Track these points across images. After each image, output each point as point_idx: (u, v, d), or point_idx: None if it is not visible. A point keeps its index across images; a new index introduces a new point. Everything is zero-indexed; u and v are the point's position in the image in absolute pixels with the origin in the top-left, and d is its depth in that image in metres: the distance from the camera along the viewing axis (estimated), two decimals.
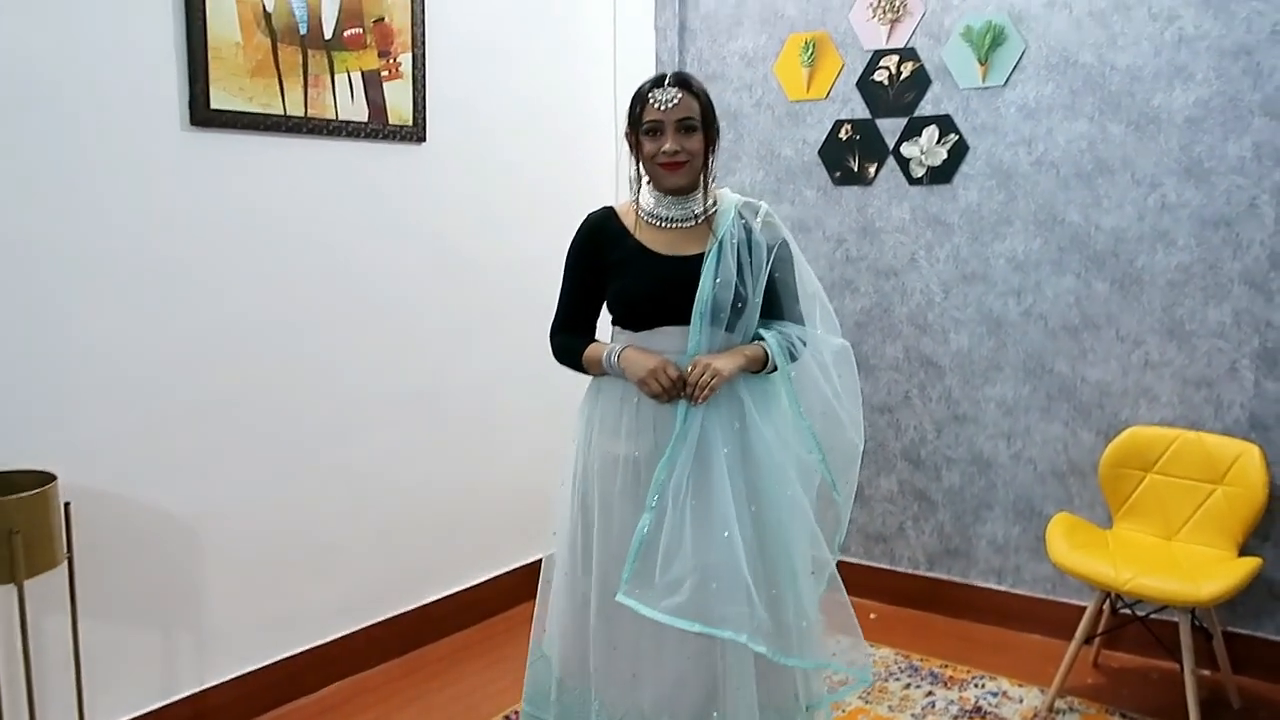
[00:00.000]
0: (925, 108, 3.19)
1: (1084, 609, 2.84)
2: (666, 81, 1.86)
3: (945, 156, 3.17)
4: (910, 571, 3.38)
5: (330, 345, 2.77)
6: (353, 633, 2.88)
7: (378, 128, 2.84)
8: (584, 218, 2.05)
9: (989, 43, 3.05)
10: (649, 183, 1.95)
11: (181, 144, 2.39)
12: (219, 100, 2.44)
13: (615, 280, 1.94)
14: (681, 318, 1.87)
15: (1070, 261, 3.01)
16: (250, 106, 2.51)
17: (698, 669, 1.85)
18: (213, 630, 2.55)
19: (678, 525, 1.79)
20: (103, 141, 2.24)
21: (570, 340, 2.02)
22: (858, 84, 3.30)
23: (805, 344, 1.97)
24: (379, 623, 2.96)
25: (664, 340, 1.89)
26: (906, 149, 3.23)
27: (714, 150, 1.93)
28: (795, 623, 1.85)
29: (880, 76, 3.26)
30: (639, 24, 3.66)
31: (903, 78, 3.22)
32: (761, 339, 1.92)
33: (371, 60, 2.80)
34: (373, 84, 2.82)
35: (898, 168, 3.26)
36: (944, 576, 3.32)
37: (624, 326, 1.96)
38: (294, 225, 2.65)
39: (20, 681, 2.06)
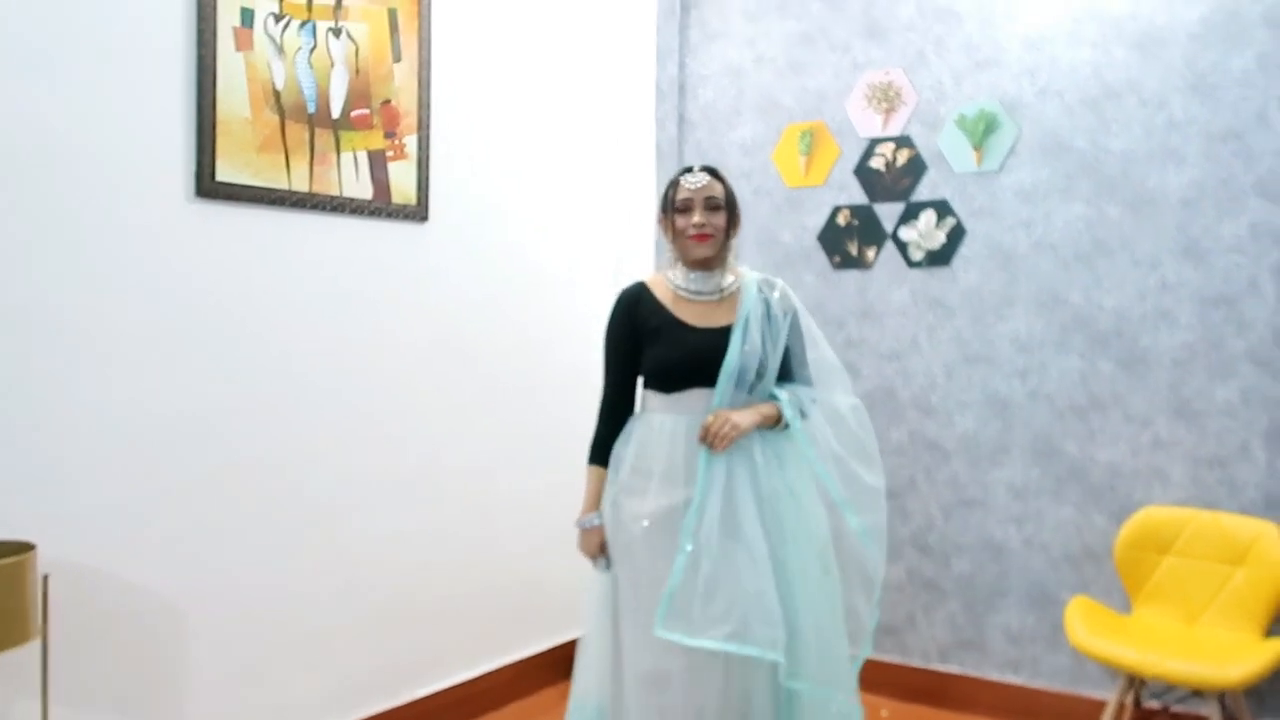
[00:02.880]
0: (922, 193, 3.24)
1: (1105, 702, 2.72)
2: (697, 169, 2.20)
3: (944, 240, 3.19)
4: (922, 666, 3.24)
5: (326, 423, 2.71)
6: None
7: (381, 206, 2.85)
8: (619, 293, 2.29)
9: (983, 130, 3.12)
10: (678, 260, 2.23)
11: (186, 214, 2.39)
12: (225, 173, 2.45)
13: (650, 347, 2.19)
14: (709, 381, 2.12)
15: (1074, 341, 3.00)
16: (256, 180, 2.53)
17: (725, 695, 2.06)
18: (196, 717, 2.40)
19: (714, 565, 2.00)
20: (107, 207, 2.23)
21: (604, 433, 2.26)
22: (855, 170, 3.36)
23: (815, 402, 2.21)
24: (369, 718, 2.80)
25: (692, 401, 2.14)
26: (904, 233, 3.26)
27: (735, 228, 2.23)
28: (805, 654, 2.04)
29: (877, 163, 3.32)
30: (639, 115, 3.74)
31: (899, 164, 3.28)
32: (775, 399, 2.16)
33: (377, 140, 2.84)
34: (378, 163, 2.84)
35: (897, 251, 3.28)
36: (957, 670, 3.18)
37: (657, 389, 2.20)
38: (295, 300, 2.63)
39: None
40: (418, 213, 2.96)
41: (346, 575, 2.75)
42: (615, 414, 2.26)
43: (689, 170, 2.20)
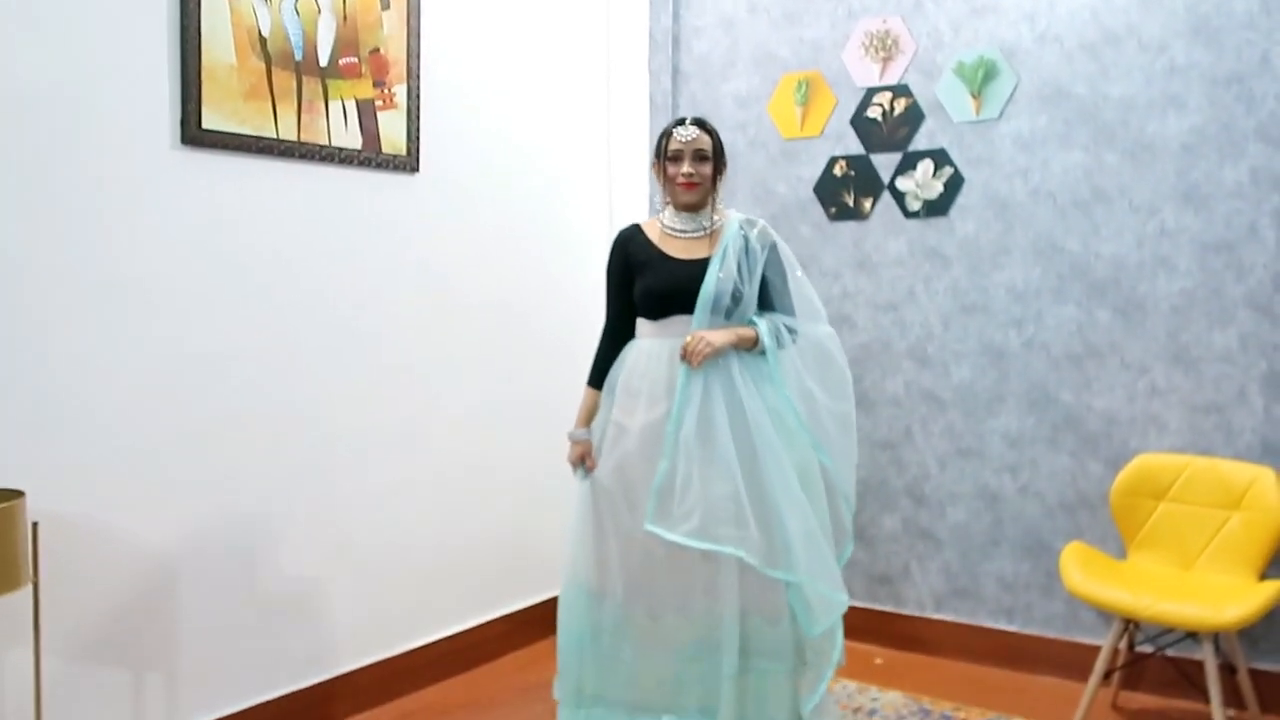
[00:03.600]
0: (920, 142, 3.20)
1: (1099, 648, 2.73)
2: (688, 121, 2.41)
3: (941, 190, 3.16)
4: (917, 614, 3.25)
5: (316, 375, 2.69)
6: (331, 679, 2.73)
7: (371, 156, 2.81)
8: (617, 233, 2.55)
9: (981, 77, 3.08)
10: (669, 203, 2.46)
11: (172, 162, 2.35)
12: (211, 120, 2.41)
13: (639, 279, 2.44)
14: (690, 308, 2.34)
15: (1071, 290, 2.98)
16: (243, 129, 2.49)
17: (696, 579, 2.33)
18: (185, 670, 2.41)
19: (688, 468, 2.26)
20: (92, 155, 2.20)
21: (601, 358, 2.51)
22: (851, 121, 3.32)
23: (792, 330, 2.42)
24: (361, 669, 2.81)
25: (676, 326, 2.36)
26: (902, 183, 3.23)
27: (721, 176, 2.45)
28: (782, 547, 2.25)
29: (874, 113, 3.28)
30: (633, 67, 3.69)
31: (896, 114, 3.24)
32: (754, 325, 2.37)
33: (366, 89, 2.80)
34: (367, 113, 2.80)
35: (894, 202, 3.25)
36: (951, 619, 3.20)
37: (646, 317, 2.44)
38: (283, 250, 2.60)
39: None
40: (408, 163, 2.92)
41: (339, 527, 2.75)
42: (612, 341, 2.49)
43: (681, 123, 2.41)
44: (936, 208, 3.17)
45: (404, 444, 2.93)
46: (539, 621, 3.38)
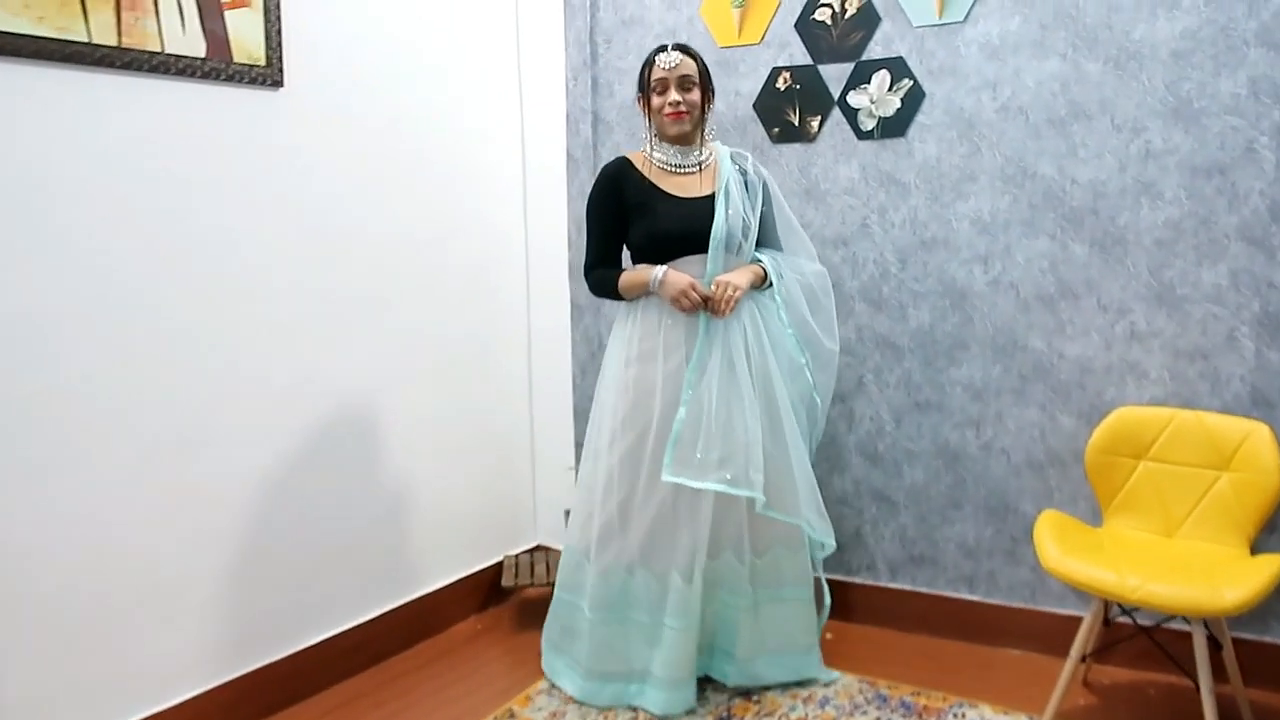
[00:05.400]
0: (874, 50, 2.78)
1: (1066, 617, 2.48)
2: (670, 47, 2.36)
3: (899, 105, 2.76)
4: (870, 583, 2.96)
5: (162, 340, 2.22)
6: (201, 694, 2.32)
7: (218, 67, 2.30)
8: (602, 167, 2.45)
9: None
10: (656, 135, 2.41)
11: None
12: None
13: (640, 219, 2.38)
14: (700, 247, 2.34)
15: (1043, 221, 2.63)
16: (41, 29, 1.96)
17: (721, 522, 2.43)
18: (15, 700, 1.97)
19: (714, 415, 2.27)
20: None
21: (607, 273, 2.44)
22: (796, 25, 2.88)
23: (788, 267, 2.46)
24: (236, 679, 2.40)
25: (687, 268, 2.33)
26: (854, 98, 2.82)
27: (710, 103, 2.43)
28: (790, 490, 2.39)
29: (822, 15, 2.84)
30: None
31: (848, 16, 2.80)
32: (759, 261, 2.42)
33: None
34: (210, 11, 2.27)
35: (844, 120, 2.84)
36: (908, 587, 2.91)
37: (649, 261, 2.37)
38: (108, 185, 2.09)
39: None
40: (268, 75, 2.41)
41: (199, 518, 2.31)
42: (601, 268, 2.46)
43: (663, 49, 2.35)
44: (893, 127, 2.78)
45: (280, 415, 2.49)
46: (460, 600, 3.04)
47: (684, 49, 2.36)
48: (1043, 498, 2.69)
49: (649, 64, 2.37)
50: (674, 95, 2.32)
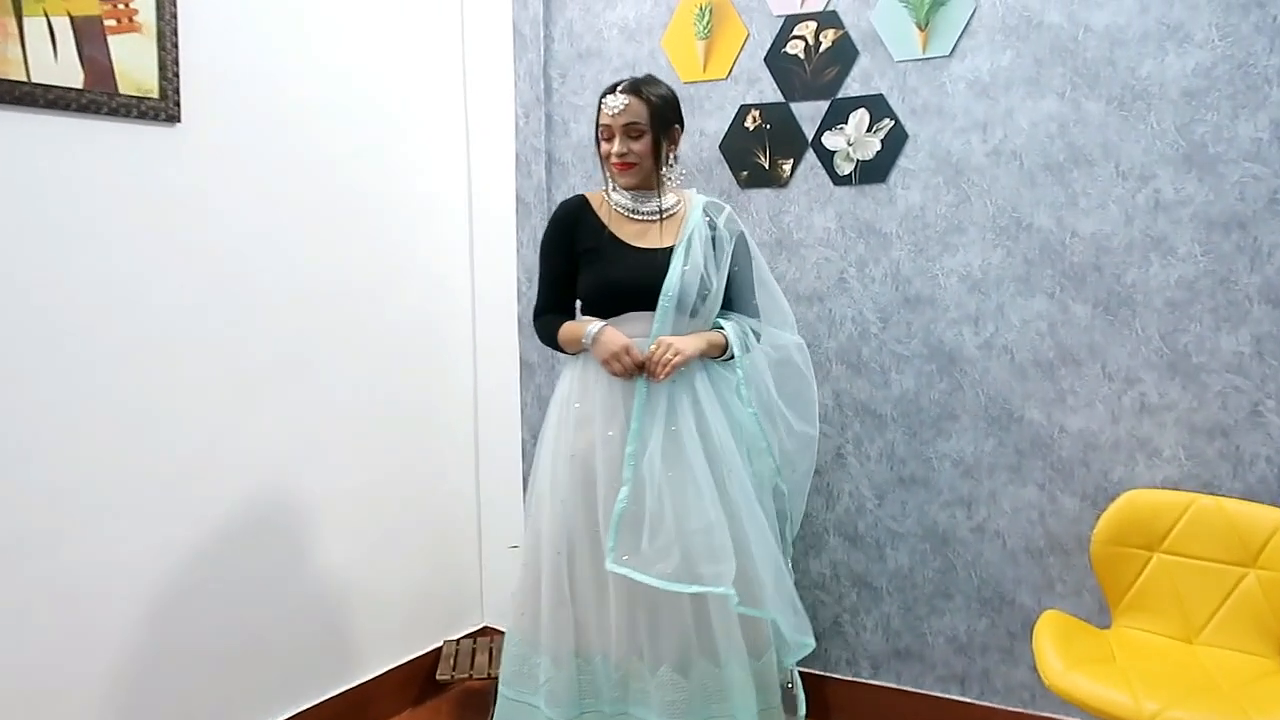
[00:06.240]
0: (852, 87, 2.51)
1: None
2: (619, 89, 2.08)
3: (879, 148, 2.49)
4: (850, 679, 2.64)
5: (39, 409, 1.91)
6: None
7: (99, 99, 2.01)
8: (558, 205, 2.21)
9: (929, 3, 2.40)
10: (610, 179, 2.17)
11: None
12: None
13: (588, 267, 2.13)
14: (649, 304, 2.05)
15: (1040, 279, 2.35)
16: None
17: (673, 621, 2.05)
18: None
19: (657, 496, 1.98)
20: None
21: (553, 319, 2.18)
22: (766, 59, 2.61)
23: (759, 337, 2.19)
24: None
25: (632, 325, 2.07)
26: (830, 139, 2.55)
27: (671, 150, 2.14)
28: (755, 580, 2.04)
29: (794, 49, 2.57)
30: None
31: (822, 49, 2.54)
32: (721, 328, 2.14)
33: (88, 3, 1.98)
34: (90, 37, 1.99)
35: (819, 163, 2.57)
36: (893, 684, 2.59)
37: (595, 314, 2.12)
38: None
39: None
40: (162, 109, 2.12)
41: (76, 614, 1.99)
42: (549, 314, 2.20)
43: (613, 89, 2.10)
44: (872, 171, 2.50)
45: (179, 492, 2.18)
46: (391, 695, 2.69)
47: (636, 89, 2.08)
48: (1043, 589, 2.39)
49: (599, 105, 2.12)
50: (618, 145, 2.07)
